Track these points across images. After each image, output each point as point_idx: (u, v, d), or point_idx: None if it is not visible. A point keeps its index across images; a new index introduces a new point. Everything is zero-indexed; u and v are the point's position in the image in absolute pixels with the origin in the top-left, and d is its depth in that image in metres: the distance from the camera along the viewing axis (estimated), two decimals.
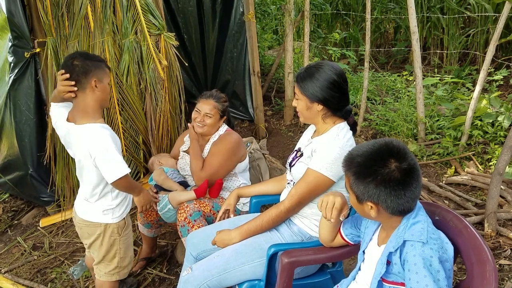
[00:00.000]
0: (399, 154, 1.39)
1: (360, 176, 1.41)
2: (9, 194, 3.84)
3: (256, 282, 1.97)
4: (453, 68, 5.71)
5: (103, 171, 2.01)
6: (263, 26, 6.09)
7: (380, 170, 1.37)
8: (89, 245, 2.24)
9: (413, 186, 1.38)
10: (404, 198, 1.37)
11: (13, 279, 2.89)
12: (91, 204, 2.14)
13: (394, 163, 1.37)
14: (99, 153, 1.98)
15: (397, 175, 1.36)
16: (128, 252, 2.28)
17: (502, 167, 2.76)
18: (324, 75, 1.89)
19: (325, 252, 1.86)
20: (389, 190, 1.37)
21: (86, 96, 2.03)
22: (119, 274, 2.28)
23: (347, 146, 1.87)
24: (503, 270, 2.58)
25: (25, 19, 3.15)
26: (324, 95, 1.89)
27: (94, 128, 2.01)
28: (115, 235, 2.19)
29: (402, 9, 6.55)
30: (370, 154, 1.42)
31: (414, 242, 1.36)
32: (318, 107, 1.93)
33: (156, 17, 3.35)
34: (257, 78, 4.49)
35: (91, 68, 2.01)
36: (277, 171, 3.43)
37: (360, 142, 1.78)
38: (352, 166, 1.44)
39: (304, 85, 1.92)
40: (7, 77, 3.26)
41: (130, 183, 2.13)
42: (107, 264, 2.24)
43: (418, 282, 1.30)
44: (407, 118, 4.30)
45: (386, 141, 1.44)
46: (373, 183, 1.38)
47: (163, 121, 3.54)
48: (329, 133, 1.95)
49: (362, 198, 1.42)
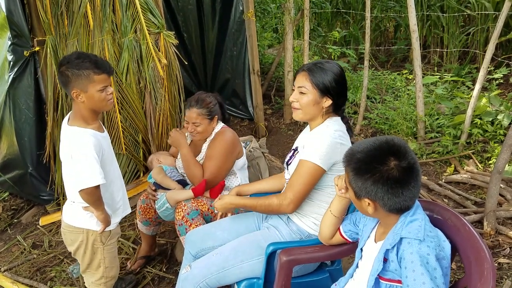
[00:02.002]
0: (399, 152, 1.39)
1: (359, 172, 1.41)
2: (8, 193, 3.85)
3: (254, 280, 1.97)
4: (453, 67, 5.70)
5: (75, 176, 1.96)
6: (263, 24, 6.09)
7: (379, 167, 1.37)
8: (74, 253, 2.19)
9: (411, 185, 1.38)
10: (401, 196, 1.37)
11: (12, 277, 2.89)
12: (78, 207, 2.08)
13: (394, 161, 1.37)
14: (76, 157, 1.94)
15: (396, 173, 1.36)
16: (114, 262, 2.24)
17: (501, 165, 2.76)
18: (333, 69, 1.91)
19: (324, 250, 1.86)
20: (386, 188, 1.37)
21: (74, 103, 2.01)
22: (105, 285, 2.24)
23: (337, 135, 1.86)
24: (502, 268, 2.59)
25: (24, 17, 3.14)
26: (336, 88, 1.90)
27: (80, 132, 1.98)
28: (98, 244, 2.14)
29: (402, 8, 6.55)
30: (370, 150, 1.42)
31: (411, 240, 1.36)
32: (327, 103, 1.91)
33: (155, 16, 3.35)
34: (257, 76, 4.49)
35: (70, 78, 1.93)
36: (276, 169, 3.43)
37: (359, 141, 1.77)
38: (352, 162, 1.44)
39: (318, 77, 1.89)
40: (7, 76, 3.25)
41: (97, 198, 2.00)
42: (93, 273, 2.21)
43: (415, 279, 1.30)
44: (407, 116, 4.30)
45: (387, 138, 1.44)
46: (371, 180, 1.38)
47: (162, 119, 3.54)
48: (321, 126, 1.95)
49: (359, 194, 1.43)
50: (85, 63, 1.94)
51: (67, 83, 1.96)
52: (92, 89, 1.95)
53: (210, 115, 2.55)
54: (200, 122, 2.53)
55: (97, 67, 1.96)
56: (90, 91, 1.95)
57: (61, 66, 1.97)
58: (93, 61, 1.96)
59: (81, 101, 1.97)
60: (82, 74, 1.93)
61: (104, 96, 1.99)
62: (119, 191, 2.21)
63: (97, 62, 1.97)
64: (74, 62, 1.94)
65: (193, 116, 2.53)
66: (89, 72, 1.94)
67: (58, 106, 3.29)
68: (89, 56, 1.99)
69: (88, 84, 1.94)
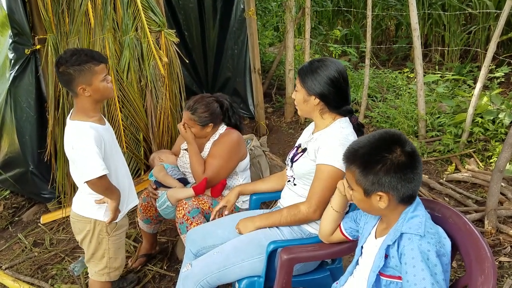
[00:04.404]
0: (400, 139, 1.42)
1: (368, 166, 1.41)
2: (10, 191, 3.85)
3: (255, 278, 1.97)
4: (454, 65, 5.69)
5: (78, 169, 2.02)
6: (264, 23, 6.09)
7: (388, 155, 1.39)
8: (80, 241, 2.24)
9: (419, 169, 1.41)
10: (413, 182, 1.40)
11: (13, 275, 2.90)
12: (86, 197, 2.13)
13: (399, 148, 1.40)
14: (78, 150, 1.98)
15: (404, 158, 1.39)
16: (118, 254, 2.26)
17: (502, 164, 2.76)
18: (325, 71, 1.91)
19: (325, 249, 1.86)
20: (399, 174, 1.38)
21: (79, 99, 2.04)
22: (109, 275, 2.26)
23: (352, 139, 1.88)
24: (503, 267, 2.58)
25: (25, 16, 3.14)
26: (322, 90, 1.91)
27: (80, 126, 2.01)
28: (104, 234, 2.17)
29: (403, 6, 6.54)
30: (373, 143, 1.43)
31: (412, 235, 1.36)
32: (315, 101, 1.94)
33: (156, 14, 3.35)
34: (257, 75, 4.48)
35: (73, 75, 1.97)
36: (277, 168, 3.43)
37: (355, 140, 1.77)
38: (357, 158, 1.44)
39: (305, 77, 1.94)
40: (8, 74, 3.26)
41: (105, 187, 2.05)
42: (97, 263, 2.24)
43: (415, 275, 1.30)
44: (408, 115, 4.29)
45: (384, 130, 1.47)
46: (382, 170, 1.38)
47: (163, 118, 3.54)
48: (332, 127, 1.95)
49: (371, 189, 1.41)
50: (83, 57, 1.99)
51: (70, 81, 1.99)
52: (96, 80, 2.01)
53: (202, 123, 2.52)
54: (191, 125, 2.54)
55: (95, 58, 2.02)
56: (94, 83, 2.01)
57: (60, 66, 1.99)
58: (89, 54, 2.02)
59: (87, 95, 2.01)
60: (84, 68, 1.98)
61: (106, 84, 2.06)
62: (125, 183, 2.24)
63: (93, 54, 2.03)
64: (72, 59, 1.97)
65: (185, 118, 2.54)
66: (89, 65, 1.99)
67: (59, 104, 3.29)
68: (83, 50, 2.04)
69: (92, 77, 2.00)
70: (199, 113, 2.51)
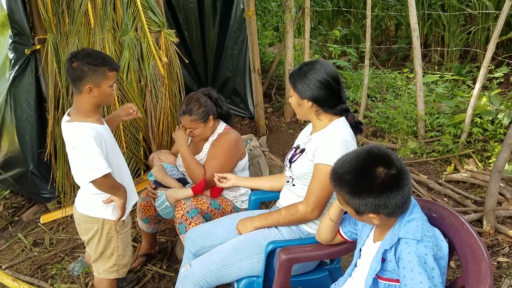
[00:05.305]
0: (384, 160, 1.39)
1: (355, 193, 1.40)
2: (10, 191, 3.86)
3: (254, 278, 1.98)
4: (454, 66, 5.70)
5: (82, 170, 2.03)
6: (264, 23, 6.09)
7: (373, 182, 1.37)
8: (87, 242, 2.25)
9: (406, 188, 1.39)
10: (402, 197, 1.38)
11: (13, 275, 2.91)
12: (91, 197, 2.14)
13: (384, 171, 1.37)
14: (79, 151, 2.00)
15: (389, 182, 1.37)
16: (126, 251, 2.29)
17: (501, 164, 2.76)
18: (314, 74, 1.92)
19: (323, 249, 1.87)
20: (386, 197, 1.37)
21: (82, 97, 2.05)
22: (118, 272, 2.28)
23: (350, 138, 1.90)
24: (501, 267, 2.59)
25: (25, 16, 3.15)
26: (313, 93, 1.92)
27: (80, 127, 2.02)
28: (113, 233, 2.19)
29: (403, 6, 6.54)
30: (357, 169, 1.41)
31: (409, 240, 1.36)
32: (308, 104, 1.95)
33: (156, 14, 3.36)
34: (257, 75, 4.49)
35: (86, 73, 1.99)
36: (277, 168, 3.43)
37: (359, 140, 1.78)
38: (344, 185, 1.43)
39: (295, 82, 1.96)
40: (8, 74, 3.26)
41: (111, 185, 2.07)
42: (106, 261, 2.25)
43: (413, 279, 1.31)
44: (407, 115, 4.30)
45: (368, 149, 1.43)
46: (370, 196, 1.38)
47: (163, 118, 3.55)
48: (330, 128, 1.96)
49: (361, 211, 1.42)
50: (100, 60, 2.03)
51: (81, 78, 2.00)
52: (105, 85, 2.05)
53: (202, 119, 2.53)
54: (195, 127, 2.54)
55: (110, 64, 2.06)
56: (102, 87, 2.04)
57: (75, 61, 2.00)
58: (106, 58, 2.07)
59: (92, 95, 2.03)
60: (99, 70, 2.01)
61: (111, 91, 2.09)
62: (128, 180, 2.25)
63: (109, 60, 2.08)
64: (89, 58, 2.01)
65: (187, 123, 2.55)
66: (104, 68, 2.03)
67: (59, 104, 3.30)
68: (101, 54, 2.10)
69: (102, 80, 2.03)
70: (195, 110, 2.52)
